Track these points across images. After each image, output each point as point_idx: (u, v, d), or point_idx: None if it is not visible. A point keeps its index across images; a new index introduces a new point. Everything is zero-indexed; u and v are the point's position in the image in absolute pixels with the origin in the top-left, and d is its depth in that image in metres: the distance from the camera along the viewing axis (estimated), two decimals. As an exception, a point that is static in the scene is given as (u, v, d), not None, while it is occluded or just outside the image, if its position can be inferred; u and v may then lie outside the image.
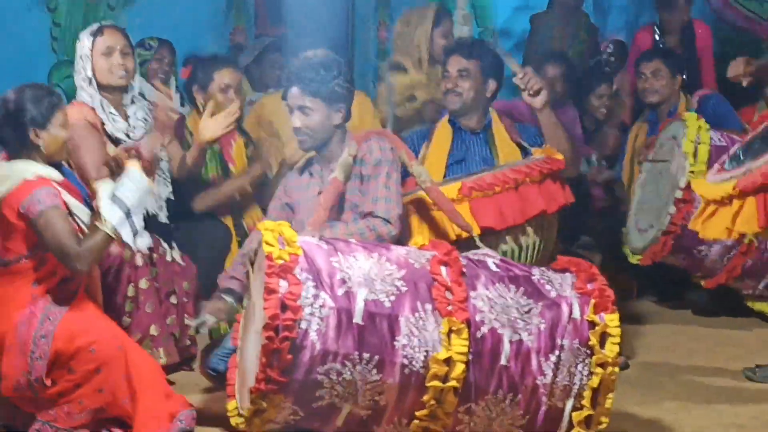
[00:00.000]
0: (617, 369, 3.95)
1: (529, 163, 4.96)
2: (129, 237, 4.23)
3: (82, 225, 4.26)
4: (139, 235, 4.30)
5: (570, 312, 3.96)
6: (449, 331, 3.79)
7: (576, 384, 3.91)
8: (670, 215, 5.33)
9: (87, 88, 5.19)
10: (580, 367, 3.91)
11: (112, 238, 4.18)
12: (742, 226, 4.54)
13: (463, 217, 4.71)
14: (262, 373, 3.66)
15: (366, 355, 3.73)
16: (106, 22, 5.63)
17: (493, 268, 4.06)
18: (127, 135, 5.16)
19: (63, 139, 4.34)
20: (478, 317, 3.87)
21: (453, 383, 3.78)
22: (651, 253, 5.53)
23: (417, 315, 3.81)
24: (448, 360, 3.77)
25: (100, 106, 5.16)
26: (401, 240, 4.50)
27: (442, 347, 3.78)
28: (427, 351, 3.78)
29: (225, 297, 4.54)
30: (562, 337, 3.92)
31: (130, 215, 4.21)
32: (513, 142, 5.38)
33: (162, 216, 5.29)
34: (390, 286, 3.83)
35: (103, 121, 5.14)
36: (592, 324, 3.94)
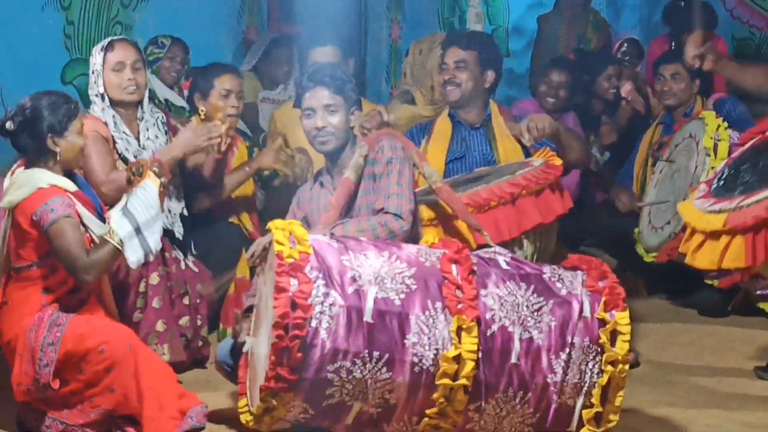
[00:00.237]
0: (627, 367, 3.95)
1: (526, 173, 4.87)
2: (134, 254, 4.20)
3: (94, 236, 4.27)
4: (151, 254, 4.28)
5: (580, 310, 3.96)
6: (459, 329, 3.79)
7: (586, 382, 3.92)
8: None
9: (99, 103, 5.20)
10: (590, 365, 3.92)
11: (120, 251, 4.18)
12: (729, 263, 4.38)
13: (473, 216, 4.70)
14: (272, 372, 3.67)
15: (376, 354, 3.74)
16: (117, 36, 5.64)
17: (503, 266, 4.06)
18: (135, 156, 5.13)
19: (80, 147, 4.35)
20: (489, 315, 3.87)
21: (463, 381, 3.78)
22: (668, 250, 5.52)
23: (427, 313, 3.81)
24: (458, 358, 3.78)
25: (113, 124, 5.15)
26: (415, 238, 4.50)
27: (452, 345, 3.78)
28: (437, 349, 3.78)
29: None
30: (573, 335, 3.92)
31: (140, 231, 4.20)
32: (513, 137, 5.39)
33: (177, 231, 5.27)
34: (400, 284, 3.83)
35: (114, 139, 5.12)
36: (603, 322, 3.94)
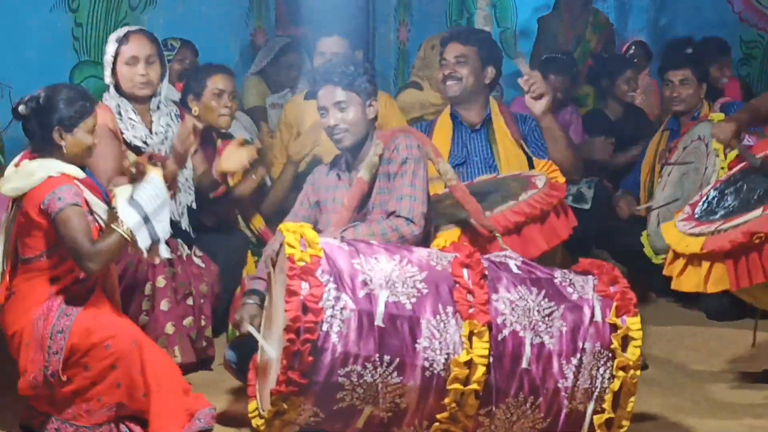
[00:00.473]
0: (639, 372, 3.93)
1: (530, 199, 4.82)
2: (145, 242, 4.21)
3: (102, 223, 4.27)
4: (160, 243, 4.28)
5: (592, 315, 3.95)
6: (470, 334, 3.78)
7: (597, 387, 3.90)
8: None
9: (110, 92, 5.20)
10: (601, 371, 3.90)
11: (126, 241, 4.17)
12: (713, 287, 4.37)
13: (486, 217, 4.69)
14: (283, 375, 3.65)
15: (387, 358, 3.72)
16: (134, 27, 5.52)
17: (514, 270, 4.05)
18: (145, 142, 5.15)
19: (87, 145, 4.32)
20: (500, 320, 3.86)
21: (474, 386, 3.77)
22: None
23: (438, 317, 3.80)
24: (469, 363, 3.76)
25: (118, 114, 5.15)
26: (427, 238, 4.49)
27: (463, 350, 3.77)
28: (448, 354, 3.77)
29: (248, 300, 4.46)
30: (584, 340, 3.91)
31: (148, 220, 4.20)
32: (514, 141, 5.38)
33: (183, 223, 5.28)
34: (411, 288, 3.82)
35: (121, 129, 5.13)
36: (614, 327, 3.93)
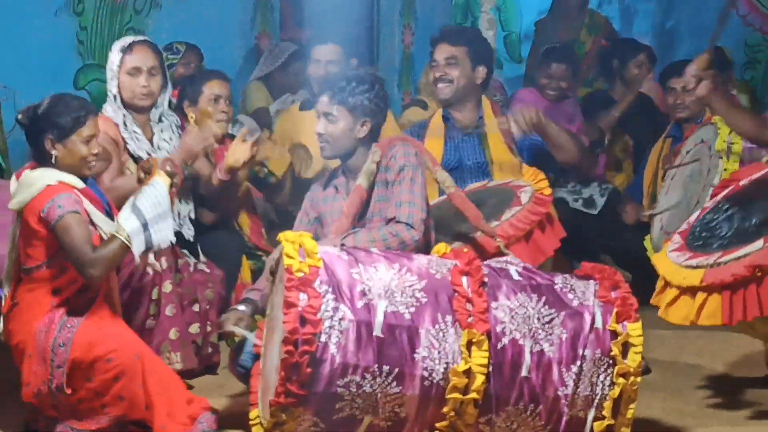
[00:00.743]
0: (639, 379, 3.93)
1: (513, 219, 4.82)
2: (139, 248, 4.20)
3: (102, 233, 4.27)
4: (155, 250, 4.28)
5: (592, 321, 3.94)
6: (469, 343, 3.78)
7: (598, 394, 3.90)
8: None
9: (112, 103, 5.19)
10: (602, 378, 3.90)
11: (128, 247, 4.18)
12: (705, 320, 4.31)
13: (487, 223, 4.69)
14: (282, 387, 3.66)
15: (386, 368, 3.73)
16: (139, 37, 5.55)
17: (515, 276, 4.04)
18: (149, 154, 5.13)
19: (81, 156, 4.30)
20: (499, 328, 3.86)
21: (473, 395, 3.77)
22: None
23: (437, 327, 3.80)
24: (468, 372, 3.77)
25: (123, 124, 5.15)
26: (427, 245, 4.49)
27: (462, 359, 3.77)
28: (447, 363, 3.77)
29: (239, 306, 4.48)
30: (584, 348, 3.91)
31: (147, 228, 4.20)
32: (506, 145, 5.38)
33: (186, 232, 5.29)
34: (410, 297, 3.82)
35: (125, 139, 5.14)
36: (615, 333, 3.93)
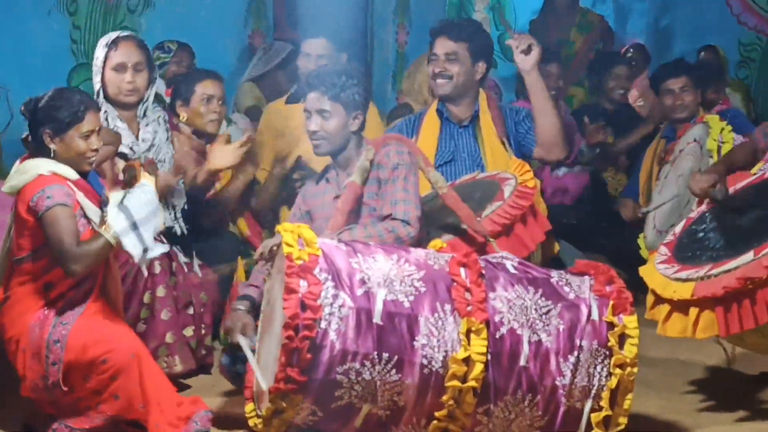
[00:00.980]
0: (636, 369, 3.96)
1: (493, 213, 4.78)
2: (135, 249, 4.18)
3: (96, 227, 4.23)
4: (149, 251, 4.26)
5: (589, 313, 3.97)
6: (468, 331, 3.80)
7: (595, 385, 3.92)
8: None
9: (99, 98, 5.15)
10: (599, 369, 3.93)
11: (112, 246, 4.15)
12: (702, 333, 4.30)
13: (479, 222, 4.70)
14: (282, 373, 3.67)
15: (385, 355, 3.74)
16: (124, 32, 5.53)
17: (511, 270, 4.07)
18: (131, 149, 5.14)
19: (79, 151, 4.27)
20: (497, 318, 3.87)
21: (472, 383, 3.78)
22: None
23: (436, 315, 3.81)
24: (467, 360, 3.78)
25: (105, 120, 5.12)
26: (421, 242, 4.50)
27: (461, 347, 3.79)
28: (446, 351, 3.79)
29: (239, 307, 4.46)
30: (581, 338, 3.93)
31: (136, 227, 4.17)
32: (498, 138, 5.37)
33: (178, 228, 5.28)
34: (409, 286, 3.84)
35: None
36: (611, 325, 3.96)
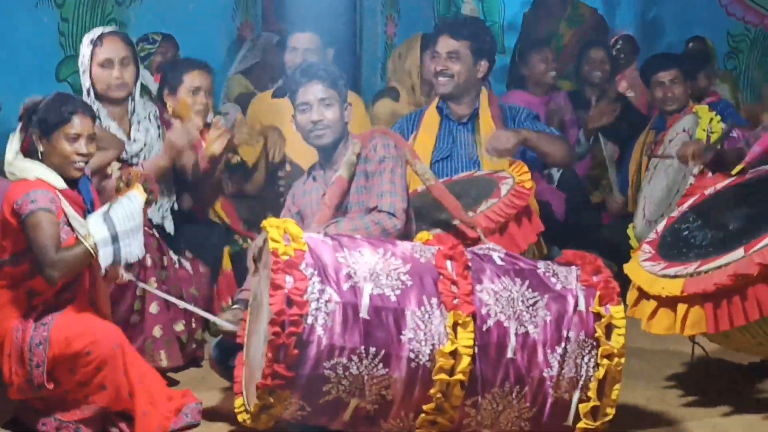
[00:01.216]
0: (623, 360, 3.95)
1: (488, 210, 4.83)
2: (106, 261, 4.15)
3: (80, 236, 4.18)
4: (121, 265, 4.25)
5: (576, 304, 3.97)
6: (455, 325, 3.80)
7: (582, 375, 3.92)
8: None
9: (85, 97, 5.14)
10: (586, 359, 3.92)
11: (92, 255, 4.12)
12: (690, 330, 4.28)
13: (466, 213, 4.71)
14: (269, 369, 3.67)
15: (372, 350, 3.74)
16: (108, 27, 5.53)
17: (498, 261, 4.06)
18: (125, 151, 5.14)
19: (65, 153, 4.24)
20: (484, 310, 3.88)
21: (459, 376, 3.79)
22: None
23: (423, 309, 3.82)
24: (455, 353, 3.78)
25: (97, 118, 5.12)
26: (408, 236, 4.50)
27: (448, 340, 3.79)
28: (433, 345, 3.79)
29: (236, 306, 4.49)
30: (568, 329, 3.93)
31: (116, 240, 4.13)
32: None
33: (167, 225, 5.29)
34: (396, 280, 3.84)
35: None
36: (598, 316, 3.95)
